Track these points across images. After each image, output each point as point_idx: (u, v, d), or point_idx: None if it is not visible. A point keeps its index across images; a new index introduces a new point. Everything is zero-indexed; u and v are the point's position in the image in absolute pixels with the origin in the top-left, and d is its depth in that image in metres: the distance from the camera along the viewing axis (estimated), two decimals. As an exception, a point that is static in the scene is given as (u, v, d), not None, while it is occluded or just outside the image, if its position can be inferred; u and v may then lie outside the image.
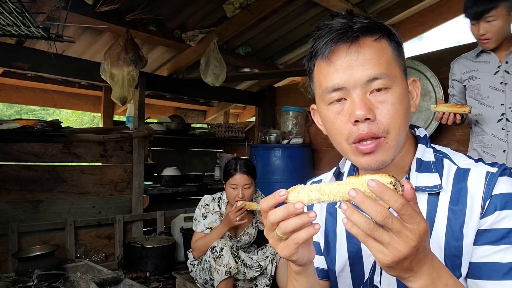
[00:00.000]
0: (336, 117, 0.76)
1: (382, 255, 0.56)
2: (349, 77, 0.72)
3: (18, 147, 2.84)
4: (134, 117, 3.45)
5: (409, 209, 0.55)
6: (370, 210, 0.55)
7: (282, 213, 0.62)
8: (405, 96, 0.76)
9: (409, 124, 0.79)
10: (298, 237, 0.63)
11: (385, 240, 0.55)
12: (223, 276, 2.14)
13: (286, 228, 0.62)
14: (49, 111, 10.53)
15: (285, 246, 0.65)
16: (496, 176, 0.73)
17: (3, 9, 1.59)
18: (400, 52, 0.78)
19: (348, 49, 0.73)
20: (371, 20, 0.75)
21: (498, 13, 1.83)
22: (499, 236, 0.69)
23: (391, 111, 0.72)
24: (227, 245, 2.22)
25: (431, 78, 2.88)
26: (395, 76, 0.74)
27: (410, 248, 0.55)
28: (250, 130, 4.76)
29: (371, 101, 0.72)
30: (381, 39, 0.74)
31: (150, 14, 2.89)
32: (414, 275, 0.59)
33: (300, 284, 0.76)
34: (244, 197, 2.39)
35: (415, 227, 0.55)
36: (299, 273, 0.74)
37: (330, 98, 0.75)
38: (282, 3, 2.90)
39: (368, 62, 0.72)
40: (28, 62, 2.87)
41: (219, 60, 3.13)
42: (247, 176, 2.41)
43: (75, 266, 2.65)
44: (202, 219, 2.47)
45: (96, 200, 3.22)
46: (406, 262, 0.57)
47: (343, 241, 0.88)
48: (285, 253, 0.66)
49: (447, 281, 0.61)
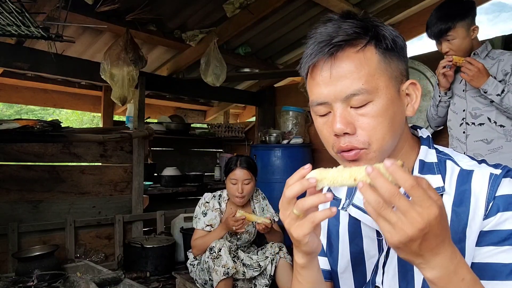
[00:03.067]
0: (323, 127, 0.77)
1: (389, 234, 0.57)
2: (329, 92, 0.73)
3: (18, 147, 2.84)
4: (134, 117, 3.45)
5: (420, 192, 0.55)
6: (380, 187, 0.56)
7: (297, 188, 0.66)
8: (391, 106, 0.73)
9: (401, 130, 0.77)
10: (315, 216, 0.66)
11: (393, 220, 0.56)
12: (221, 277, 2.14)
13: (304, 206, 0.65)
14: (49, 111, 10.53)
15: (300, 225, 0.67)
16: (499, 178, 0.73)
17: (3, 9, 1.58)
18: (392, 57, 0.74)
19: (324, 64, 0.72)
20: (361, 25, 0.73)
21: (456, 33, 1.91)
22: (502, 237, 0.69)
23: (372, 123, 0.71)
24: (225, 245, 2.22)
25: (431, 78, 2.88)
26: (377, 87, 0.71)
27: (416, 231, 0.55)
28: (250, 130, 4.76)
29: (352, 114, 0.72)
30: (364, 48, 0.72)
31: (150, 14, 2.89)
32: (426, 263, 0.59)
33: (305, 279, 0.77)
34: (244, 193, 2.41)
35: (424, 211, 0.55)
36: (304, 267, 0.75)
37: (317, 111, 0.77)
38: (282, 3, 2.90)
39: (347, 76, 0.71)
40: (28, 62, 2.87)
41: (219, 60, 3.13)
42: (247, 171, 2.43)
43: (75, 266, 2.65)
44: (202, 216, 2.48)
45: (96, 200, 3.22)
46: (414, 245, 0.56)
47: (346, 242, 0.88)
48: (299, 233, 0.67)
49: (464, 276, 0.60)
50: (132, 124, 3.54)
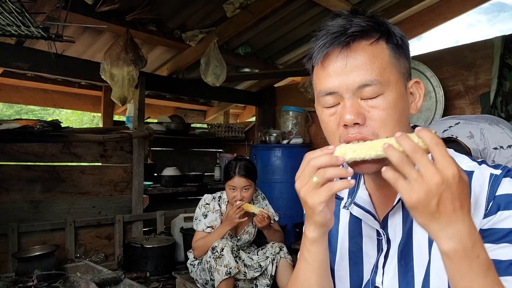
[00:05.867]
0: (329, 119, 0.77)
1: (408, 194, 0.57)
2: (340, 83, 0.73)
3: (18, 147, 2.84)
4: (134, 117, 3.45)
5: (443, 150, 0.57)
6: (405, 144, 0.58)
7: (324, 160, 0.67)
8: (400, 100, 0.74)
9: (406, 127, 0.78)
10: (334, 185, 0.67)
11: (413, 176, 0.57)
12: (223, 276, 2.14)
13: (325, 175, 0.66)
14: (49, 111, 10.52)
15: (317, 193, 0.68)
16: (500, 177, 0.73)
17: (3, 9, 1.58)
18: (400, 54, 0.76)
19: (339, 54, 0.73)
20: (372, 20, 0.74)
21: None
22: (500, 235, 0.69)
23: (382, 116, 0.72)
24: (227, 245, 2.22)
25: (431, 78, 2.88)
26: (389, 81, 0.73)
27: (435, 185, 0.55)
28: (250, 130, 4.76)
29: (362, 105, 0.72)
30: (377, 42, 0.73)
31: (150, 14, 2.89)
32: (443, 230, 0.58)
33: (314, 256, 0.77)
34: (243, 199, 2.41)
35: (444, 168, 0.56)
36: (315, 241, 0.76)
37: (324, 102, 0.76)
38: (282, 3, 2.90)
39: (360, 67, 0.72)
40: (28, 62, 2.86)
41: (219, 60, 3.13)
42: (246, 178, 2.42)
43: (75, 266, 2.65)
44: (202, 218, 2.47)
45: (96, 200, 3.22)
46: (432, 203, 0.56)
47: (345, 240, 0.88)
48: (315, 200, 0.68)
49: (480, 253, 0.59)
50: (132, 124, 3.54)
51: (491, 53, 2.71)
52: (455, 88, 2.95)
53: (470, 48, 2.90)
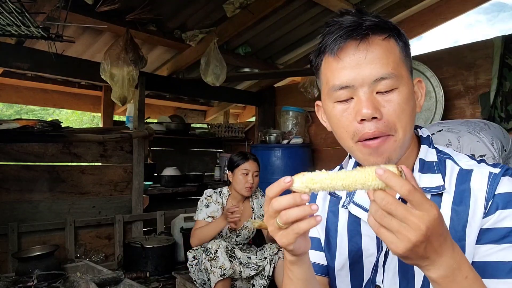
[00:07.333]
0: (341, 115, 0.75)
1: (393, 245, 0.56)
2: (356, 75, 0.72)
3: (18, 147, 2.84)
4: (134, 117, 3.45)
5: (418, 195, 0.54)
6: (376, 197, 0.56)
7: (287, 202, 0.62)
8: (412, 96, 0.75)
9: (414, 124, 0.79)
10: (299, 227, 0.63)
11: (394, 228, 0.55)
12: (218, 278, 2.15)
13: (288, 218, 0.62)
14: (49, 111, 10.51)
15: (284, 235, 0.65)
16: (498, 176, 0.73)
17: (3, 9, 1.58)
18: (408, 52, 0.77)
19: (357, 46, 0.72)
20: (380, 19, 0.75)
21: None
22: (501, 235, 0.69)
23: (398, 110, 0.72)
24: (221, 246, 2.23)
25: (431, 78, 2.88)
26: (402, 76, 0.73)
27: (420, 235, 0.54)
28: (250, 130, 4.76)
29: (378, 100, 0.72)
30: (389, 38, 0.74)
31: (150, 14, 2.89)
32: (432, 264, 0.58)
33: (295, 275, 0.76)
34: (253, 184, 2.51)
35: (424, 214, 0.54)
36: (293, 263, 0.74)
37: (337, 97, 0.75)
38: (282, 3, 2.90)
39: (376, 61, 0.72)
40: (28, 62, 2.86)
41: (219, 60, 3.13)
42: (257, 164, 2.56)
43: (75, 266, 2.65)
44: (204, 207, 2.51)
45: (96, 200, 3.22)
46: (420, 250, 0.56)
47: (345, 239, 0.88)
48: (284, 242, 0.65)
49: (468, 274, 0.59)
50: (132, 124, 3.54)
51: (491, 53, 2.71)
52: (455, 88, 2.95)
53: (470, 48, 2.90)
